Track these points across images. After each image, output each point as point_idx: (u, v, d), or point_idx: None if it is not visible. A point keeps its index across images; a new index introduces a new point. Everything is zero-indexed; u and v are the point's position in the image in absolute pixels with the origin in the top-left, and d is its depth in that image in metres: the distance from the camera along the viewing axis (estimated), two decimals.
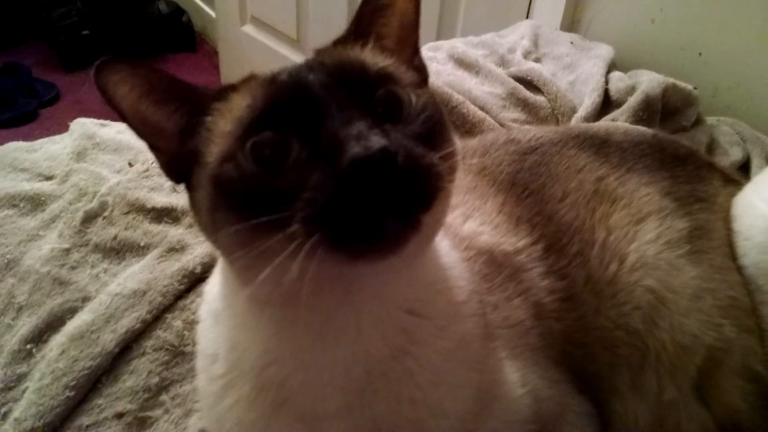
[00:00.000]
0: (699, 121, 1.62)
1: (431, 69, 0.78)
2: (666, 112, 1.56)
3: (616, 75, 1.68)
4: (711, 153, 1.54)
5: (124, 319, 1.03)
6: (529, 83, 1.67)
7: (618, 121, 1.50)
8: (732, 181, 1.16)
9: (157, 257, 1.15)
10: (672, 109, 1.57)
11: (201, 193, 0.63)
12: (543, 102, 1.62)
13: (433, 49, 1.81)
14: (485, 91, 1.63)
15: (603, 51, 1.80)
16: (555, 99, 1.61)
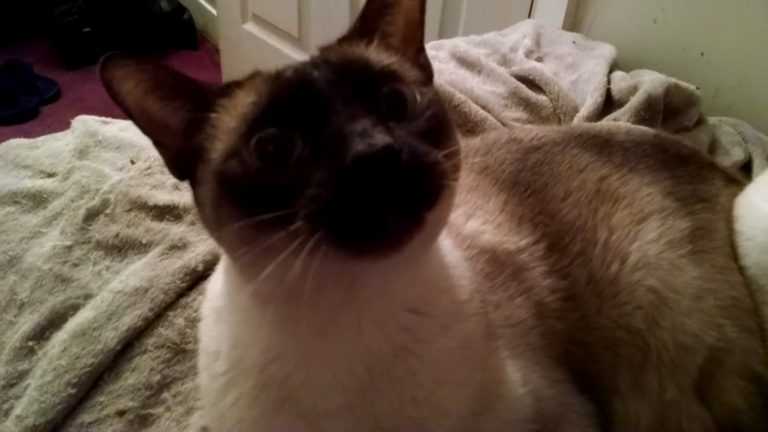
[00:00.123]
0: (701, 121, 1.62)
1: (433, 68, 0.78)
2: (668, 112, 1.56)
3: (618, 75, 1.68)
4: (713, 153, 1.54)
5: (126, 317, 1.03)
6: (531, 82, 1.67)
7: (620, 120, 1.50)
8: (734, 182, 1.16)
9: (159, 255, 1.15)
10: (674, 109, 1.57)
11: (205, 190, 0.63)
12: (545, 101, 1.62)
13: (435, 47, 1.80)
14: (487, 90, 1.63)
15: (605, 50, 1.79)
16: (557, 98, 1.61)
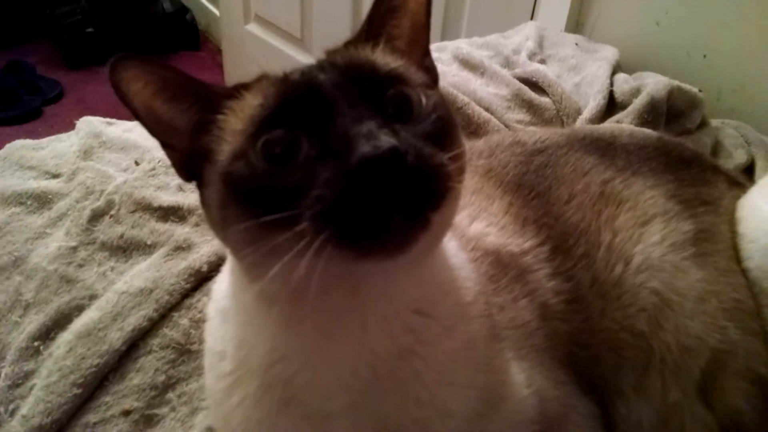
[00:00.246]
0: (703, 123, 1.63)
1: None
2: (671, 114, 1.56)
3: (621, 77, 1.68)
4: (715, 155, 1.54)
5: (131, 318, 1.03)
6: (534, 84, 1.67)
7: (623, 123, 1.50)
8: (737, 184, 1.17)
9: (163, 256, 1.15)
10: (677, 111, 1.57)
11: (212, 191, 0.64)
12: (548, 103, 1.63)
13: (437, 49, 1.80)
14: (490, 92, 1.63)
15: (608, 53, 1.80)
16: (560, 100, 1.61)
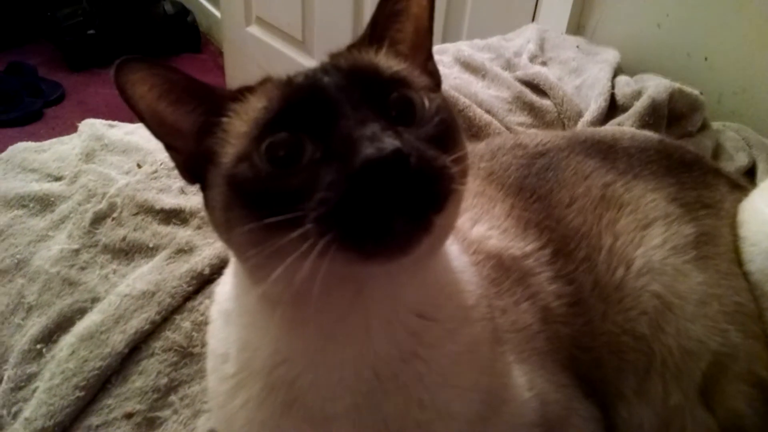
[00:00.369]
0: (705, 126, 1.62)
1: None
2: (672, 117, 1.56)
3: (623, 79, 1.68)
4: (716, 158, 1.54)
5: (133, 320, 1.03)
6: (536, 87, 1.67)
7: (624, 125, 1.50)
8: (738, 187, 1.17)
9: (165, 258, 1.15)
10: (678, 114, 1.57)
11: (215, 193, 0.64)
12: (549, 106, 1.63)
13: (439, 52, 1.80)
14: (491, 94, 1.63)
15: (609, 55, 1.80)
16: (561, 103, 1.61)
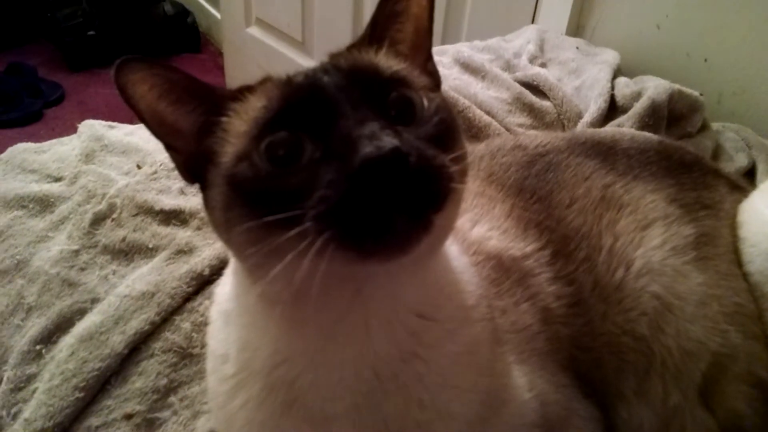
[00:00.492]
0: (704, 127, 1.62)
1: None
2: (672, 118, 1.56)
3: (622, 81, 1.68)
4: (716, 159, 1.54)
5: (132, 321, 1.03)
6: (535, 88, 1.67)
7: (624, 126, 1.50)
8: (738, 188, 1.17)
9: (165, 259, 1.15)
10: (678, 115, 1.57)
11: (215, 192, 0.64)
12: (549, 107, 1.63)
13: (438, 53, 1.81)
14: (491, 95, 1.64)
15: (609, 56, 1.80)
16: (561, 104, 1.62)
